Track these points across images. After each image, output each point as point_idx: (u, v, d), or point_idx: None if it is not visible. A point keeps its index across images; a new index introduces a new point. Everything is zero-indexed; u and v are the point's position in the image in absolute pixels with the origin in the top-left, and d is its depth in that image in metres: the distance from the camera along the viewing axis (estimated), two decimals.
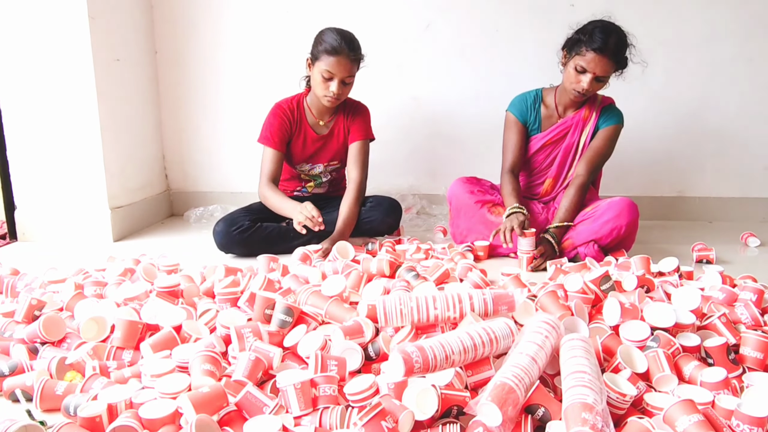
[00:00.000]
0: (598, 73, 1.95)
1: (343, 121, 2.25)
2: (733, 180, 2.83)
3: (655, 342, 1.20)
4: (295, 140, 2.24)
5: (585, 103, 2.15)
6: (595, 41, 1.92)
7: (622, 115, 2.15)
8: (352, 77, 2.08)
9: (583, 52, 1.94)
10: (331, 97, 2.07)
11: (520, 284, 1.60)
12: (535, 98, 2.20)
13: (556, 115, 2.17)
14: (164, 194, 2.95)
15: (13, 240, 2.48)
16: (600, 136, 2.12)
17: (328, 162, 2.31)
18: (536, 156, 2.22)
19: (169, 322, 1.33)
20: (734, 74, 2.71)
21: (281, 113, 2.20)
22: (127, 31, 2.59)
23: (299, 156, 2.28)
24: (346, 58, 2.01)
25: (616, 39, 1.93)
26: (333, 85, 2.04)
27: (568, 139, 2.16)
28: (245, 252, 2.12)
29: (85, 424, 0.99)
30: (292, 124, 2.21)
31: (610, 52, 1.92)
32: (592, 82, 1.96)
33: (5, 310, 1.47)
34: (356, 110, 2.28)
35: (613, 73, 2.00)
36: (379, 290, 1.50)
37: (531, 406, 0.98)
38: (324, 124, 2.24)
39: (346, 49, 2.01)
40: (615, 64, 1.96)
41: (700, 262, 2.05)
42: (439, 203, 2.85)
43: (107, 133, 2.42)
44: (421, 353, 1.01)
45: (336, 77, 2.03)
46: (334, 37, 2.02)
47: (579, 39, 1.97)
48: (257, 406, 1.01)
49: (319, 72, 2.04)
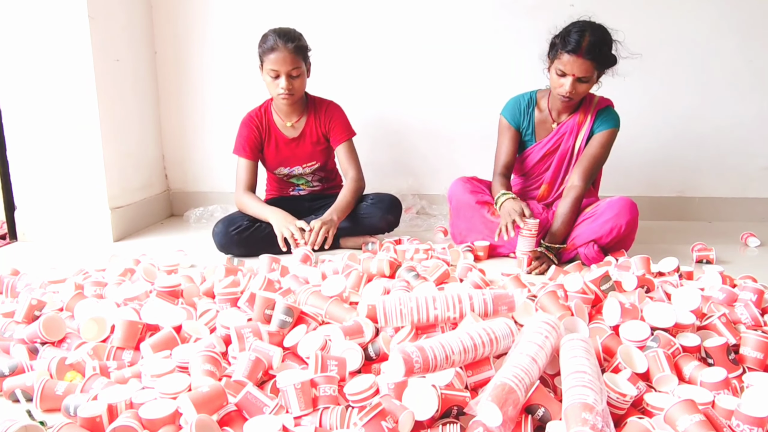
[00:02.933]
0: (577, 75, 1.92)
1: (313, 121, 2.26)
2: (733, 180, 2.83)
3: (655, 342, 1.20)
4: (267, 146, 2.27)
5: (580, 107, 2.12)
6: (569, 43, 1.91)
7: (619, 118, 2.12)
8: (298, 69, 2.09)
9: (560, 55, 1.94)
10: (284, 94, 2.09)
11: (520, 284, 1.60)
12: (528, 102, 2.18)
13: (550, 120, 2.16)
14: (164, 194, 2.95)
15: (13, 240, 2.48)
16: (595, 141, 2.09)
17: (304, 164, 2.32)
18: (534, 165, 2.21)
19: (169, 323, 1.33)
20: (734, 74, 2.71)
21: (249, 122, 2.26)
22: (126, 31, 2.59)
23: (273, 161, 2.30)
24: (284, 51, 2.04)
25: (592, 38, 1.89)
26: (282, 81, 2.07)
27: (563, 145, 2.14)
28: (244, 252, 2.12)
29: (85, 424, 0.99)
30: (261, 131, 2.25)
31: (586, 52, 1.89)
32: (574, 84, 1.95)
33: (5, 310, 1.47)
34: (328, 110, 2.28)
35: (597, 71, 1.95)
36: (379, 290, 1.50)
37: (531, 406, 0.98)
38: (292, 125, 2.25)
39: (282, 43, 2.04)
40: (595, 63, 1.91)
41: (700, 262, 2.06)
42: (439, 203, 2.85)
43: (107, 133, 2.42)
44: (421, 353, 1.01)
45: (281, 72, 2.06)
46: (270, 36, 2.07)
47: (555, 43, 1.98)
48: (257, 406, 1.02)
49: (266, 73, 2.09)
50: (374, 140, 2.74)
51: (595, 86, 2.04)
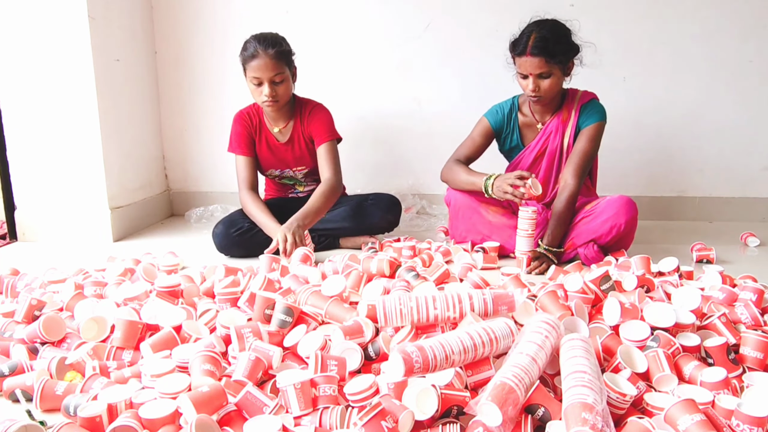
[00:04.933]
0: (533, 73, 1.94)
1: (299, 126, 2.23)
2: (733, 180, 2.83)
3: (655, 342, 1.20)
4: (259, 146, 2.25)
5: (563, 104, 2.12)
6: (517, 46, 1.97)
7: (604, 110, 2.10)
8: (281, 74, 2.04)
9: (515, 60, 1.99)
10: (268, 101, 2.05)
11: (520, 284, 1.60)
12: (511, 108, 2.18)
13: (534, 122, 2.15)
14: (164, 194, 2.95)
15: (13, 240, 2.48)
16: (583, 136, 2.07)
17: (294, 168, 2.31)
18: (526, 169, 2.18)
19: (169, 322, 1.33)
20: (734, 74, 2.71)
21: (241, 119, 2.23)
22: (126, 31, 2.59)
23: (266, 162, 2.29)
24: (265, 57, 2.00)
25: (538, 35, 1.91)
26: (265, 88, 2.03)
27: (550, 145, 2.13)
28: (245, 254, 2.12)
29: (85, 424, 0.99)
30: (252, 129, 2.23)
31: (533, 49, 1.91)
32: (536, 82, 1.96)
33: (5, 310, 1.47)
34: (312, 112, 2.23)
35: (556, 64, 1.93)
36: (379, 290, 1.50)
37: (531, 406, 0.98)
38: (281, 131, 2.23)
39: (262, 50, 2.00)
40: (546, 57, 1.91)
41: (700, 262, 2.05)
42: (439, 203, 2.85)
43: (107, 133, 2.42)
44: (421, 353, 1.01)
45: (263, 80, 2.03)
46: (251, 43, 2.04)
47: (509, 49, 2.01)
48: (257, 406, 1.01)
49: (249, 80, 2.06)
50: (374, 140, 2.74)
51: (572, 80, 2.03)
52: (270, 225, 2.06)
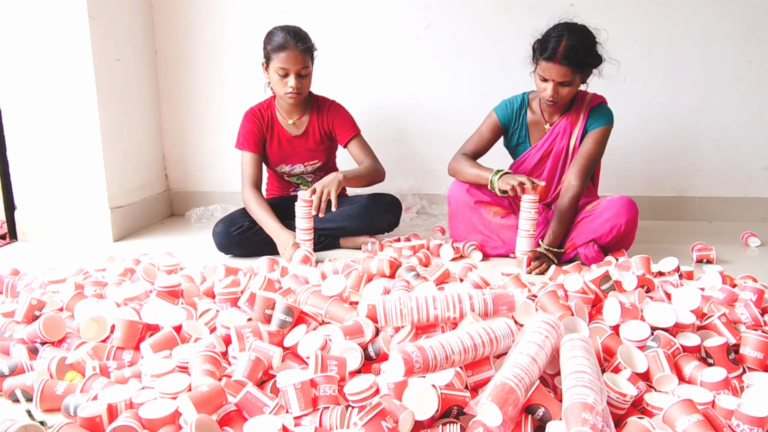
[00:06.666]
0: (557, 80, 1.93)
1: (316, 120, 2.26)
2: (733, 180, 2.83)
3: (655, 342, 1.20)
4: (270, 142, 2.26)
5: (572, 106, 2.12)
6: (546, 50, 1.91)
7: (612, 114, 2.11)
8: (306, 68, 2.08)
9: (540, 62, 1.95)
10: (291, 93, 2.08)
11: (520, 284, 1.60)
12: (521, 104, 2.17)
13: (543, 121, 2.15)
14: (164, 194, 2.95)
15: (13, 240, 2.48)
16: (589, 139, 2.08)
17: (306, 162, 2.31)
18: (531, 168, 2.20)
19: (169, 322, 1.33)
20: (734, 74, 2.71)
21: (252, 116, 2.24)
22: (127, 31, 2.59)
23: (276, 157, 2.29)
24: (295, 50, 2.03)
25: (568, 43, 1.88)
26: (290, 80, 2.06)
27: (557, 146, 2.13)
28: (245, 253, 2.12)
29: (85, 424, 0.99)
30: (264, 125, 2.24)
31: (562, 58, 1.88)
32: (556, 89, 1.95)
33: (5, 310, 1.47)
34: (331, 109, 2.27)
35: (579, 74, 1.94)
36: (379, 290, 1.50)
37: (531, 406, 0.98)
38: (295, 123, 2.24)
39: (293, 42, 2.03)
40: (573, 68, 1.90)
41: (700, 262, 2.06)
42: (439, 203, 2.85)
43: (107, 133, 2.42)
44: (421, 353, 1.00)
45: (290, 72, 2.05)
46: (281, 34, 2.05)
47: (535, 48, 1.98)
48: (257, 406, 1.01)
49: (274, 71, 2.07)
50: (374, 140, 2.72)
51: (584, 85, 2.03)
52: (270, 224, 2.06)
